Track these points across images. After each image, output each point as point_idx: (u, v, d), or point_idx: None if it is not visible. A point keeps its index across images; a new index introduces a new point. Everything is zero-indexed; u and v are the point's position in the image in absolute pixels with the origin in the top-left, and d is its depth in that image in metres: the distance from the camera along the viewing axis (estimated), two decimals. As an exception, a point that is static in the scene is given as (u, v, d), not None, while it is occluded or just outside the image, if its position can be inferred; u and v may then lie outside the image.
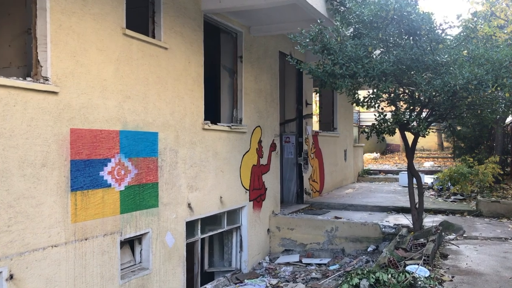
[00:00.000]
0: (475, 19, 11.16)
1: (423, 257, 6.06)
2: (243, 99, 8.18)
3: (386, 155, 25.37)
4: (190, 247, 6.91)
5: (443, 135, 23.17)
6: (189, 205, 6.56)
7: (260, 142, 8.77)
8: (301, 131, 11.18)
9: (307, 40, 5.79)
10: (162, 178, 6.03)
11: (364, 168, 17.61)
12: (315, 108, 16.53)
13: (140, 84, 5.65)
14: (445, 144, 23.25)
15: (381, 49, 6.14)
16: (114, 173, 5.24)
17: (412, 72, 5.91)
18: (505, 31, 11.90)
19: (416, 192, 7.64)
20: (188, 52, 6.59)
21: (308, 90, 11.57)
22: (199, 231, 7.01)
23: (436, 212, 9.90)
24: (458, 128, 15.60)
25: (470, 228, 8.35)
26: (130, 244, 5.83)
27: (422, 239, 6.88)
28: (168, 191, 6.13)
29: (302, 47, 5.81)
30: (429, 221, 8.93)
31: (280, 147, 11.13)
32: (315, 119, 16.53)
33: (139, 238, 5.81)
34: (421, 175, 14.94)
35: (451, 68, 5.98)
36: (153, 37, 6.04)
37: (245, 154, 8.20)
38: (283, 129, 11.27)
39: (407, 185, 14.17)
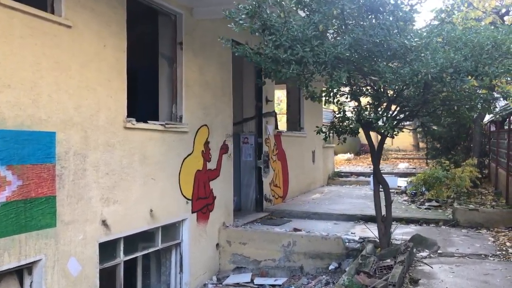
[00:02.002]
0: (450, 7, 10.16)
1: (389, 286, 4.94)
2: (184, 93, 6.96)
3: (361, 156, 24.38)
4: (109, 273, 5.66)
5: (418, 135, 22.32)
6: (104, 222, 5.31)
7: (207, 143, 7.56)
8: (261, 131, 10.01)
9: (243, 16, 4.60)
10: (63, 190, 4.76)
11: (336, 170, 16.55)
12: (283, 107, 15.41)
13: (27, 70, 4.38)
14: (421, 144, 22.43)
15: (336, 30, 4.99)
16: (-16, 185, 3.98)
17: (375, 59, 4.77)
18: (483, 24, 10.95)
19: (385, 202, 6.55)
20: (103, 33, 5.33)
21: (269, 85, 10.37)
22: (121, 252, 5.76)
23: (408, 221, 8.85)
24: (434, 127, 14.71)
25: (445, 242, 7.29)
26: (19, 275, 4.56)
27: (389, 260, 5.77)
28: (71, 206, 4.88)
29: (236, 25, 4.62)
30: (400, 232, 7.87)
31: (238, 148, 9.97)
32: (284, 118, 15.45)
33: (28, 268, 4.54)
34: (394, 178, 14.04)
35: (422, 55, 4.87)
36: (52, 12, 4.77)
37: (186, 157, 6.97)
38: (241, 129, 10.10)
39: (382, 187, 13.26)
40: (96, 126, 5.21)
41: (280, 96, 23.97)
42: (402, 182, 13.17)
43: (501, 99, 10.36)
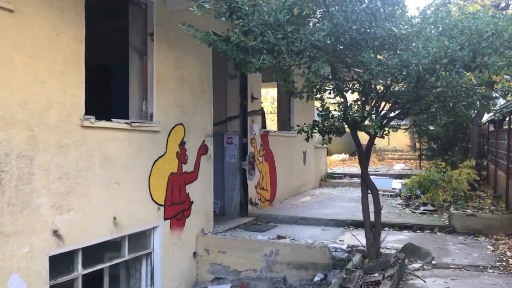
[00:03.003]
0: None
1: (375, 305, 4.37)
2: (155, 89, 6.37)
3: (356, 156, 23.80)
4: (66, 288, 5.08)
5: (415, 135, 21.77)
6: (55, 233, 4.72)
7: (182, 143, 6.97)
8: (246, 131, 9.42)
9: (208, -3, 4.02)
10: (2, 197, 4.17)
11: (329, 171, 15.96)
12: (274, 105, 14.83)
13: (-44, 60, 3.79)
14: (418, 145, 21.85)
15: (316, 15, 4.39)
16: None
17: (359, 48, 4.18)
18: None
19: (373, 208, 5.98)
20: (55, 19, 4.74)
21: (256, 81, 9.82)
22: (79, 265, 5.16)
23: (401, 227, 8.27)
24: (431, 127, 14.13)
25: (440, 251, 6.72)
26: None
27: (376, 274, 5.20)
28: (14, 215, 4.29)
29: (199, 8, 4.03)
30: (392, 240, 7.32)
31: (222, 149, 9.39)
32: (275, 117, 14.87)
33: (-41, 287, 3.96)
34: (389, 180, 13.48)
35: (413, 44, 4.28)
36: (-9, -6, 4.19)
37: (158, 159, 6.38)
38: (225, 128, 9.51)
39: (371, 192, 12.68)
40: (46, 124, 4.62)
41: (275, 95, 23.40)
42: (397, 184, 12.61)
43: (501, 98, 9.83)
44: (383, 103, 5.74)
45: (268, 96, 23.70)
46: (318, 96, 5.39)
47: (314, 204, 10.66)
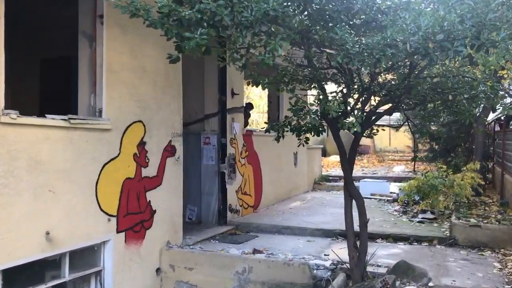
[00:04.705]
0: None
1: None
2: (105, 80, 5.46)
3: (356, 157, 22.86)
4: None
5: (416, 135, 20.73)
6: (-42, 254, 3.82)
7: (142, 144, 6.06)
8: (225, 130, 8.50)
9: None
10: None
11: (324, 173, 15.01)
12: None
13: None
14: (419, 146, 20.82)
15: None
16: None
17: (330, 22, 3.25)
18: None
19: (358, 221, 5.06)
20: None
21: (236, 75, 8.87)
22: (-3, 290, 4.27)
23: (396, 238, 7.34)
24: (433, 127, 13.15)
25: (439, 270, 5.78)
26: None
27: (359, 304, 4.27)
28: None
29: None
30: (384, 254, 6.41)
31: (198, 150, 8.50)
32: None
33: None
34: (386, 183, 12.50)
35: (401, 18, 3.34)
36: None
37: (108, 162, 5.47)
38: (202, 127, 8.61)
39: (368, 196, 11.63)
40: None
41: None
42: (396, 188, 11.66)
43: (508, 97, 8.86)
44: (372, 97, 4.84)
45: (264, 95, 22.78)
46: (290, 87, 4.46)
47: (302, 211, 9.73)
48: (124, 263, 5.76)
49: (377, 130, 5.25)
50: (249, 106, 12.31)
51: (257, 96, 21.47)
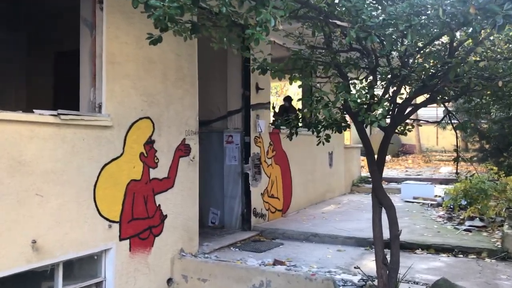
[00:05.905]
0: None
1: None
2: (106, 72, 4.96)
3: (399, 158, 21.66)
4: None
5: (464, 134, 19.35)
6: None
7: (150, 142, 5.52)
8: (249, 127, 7.89)
9: None
10: None
11: (363, 175, 14.11)
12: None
13: None
14: (469, 145, 19.41)
15: None
16: None
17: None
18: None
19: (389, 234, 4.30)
20: None
21: (262, 69, 8.24)
22: (-27, 306, 3.83)
23: (438, 249, 6.49)
24: (484, 125, 12.02)
25: (488, 290, 4.93)
26: None
27: (386, 335, 3.52)
28: None
29: None
30: (423, 269, 5.64)
31: (221, 149, 7.95)
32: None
33: None
34: (431, 186, 11.48)
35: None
36: None
37: (109, 163, 4.95)
38: (225, 125, 8.04)
39: (410, 200, 10.77)
40: None
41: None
42: (441, 191, 10.68)
43: None
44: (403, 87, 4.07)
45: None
46: (305, 74, 3.77)
47: (336, 216, 8.97)
48: (129, 273, 5.24)
49: (412, 126, 4.47)
50: (288, 99, 11.67)
51: (293, 94, 20.73)
